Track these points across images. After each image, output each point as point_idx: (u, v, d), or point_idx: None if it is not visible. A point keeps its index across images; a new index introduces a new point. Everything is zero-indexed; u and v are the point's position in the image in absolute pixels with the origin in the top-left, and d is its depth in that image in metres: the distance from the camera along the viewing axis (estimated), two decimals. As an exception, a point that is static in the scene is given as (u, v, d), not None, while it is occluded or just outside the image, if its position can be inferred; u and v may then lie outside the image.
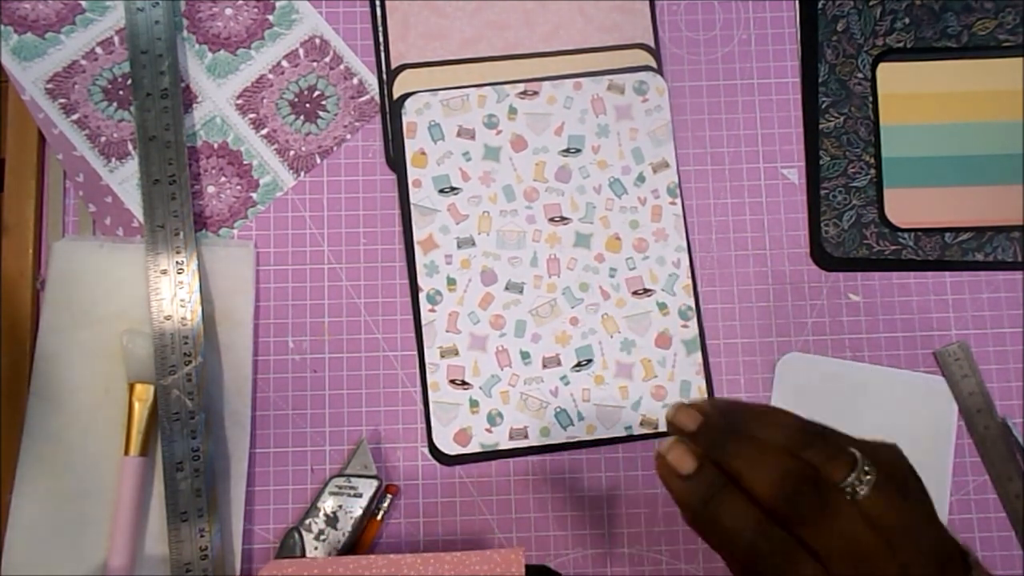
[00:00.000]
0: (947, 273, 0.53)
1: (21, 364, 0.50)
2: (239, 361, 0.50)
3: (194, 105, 0.53)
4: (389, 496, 0.49)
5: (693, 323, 0.52)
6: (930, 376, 0.51)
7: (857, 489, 0.33)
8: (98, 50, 0.52)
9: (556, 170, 0.53)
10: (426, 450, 0.50)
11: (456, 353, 0.51)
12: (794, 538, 0.32)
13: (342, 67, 0.54)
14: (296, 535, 0.47)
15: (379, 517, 0.49)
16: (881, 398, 0.51)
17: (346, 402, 0.51)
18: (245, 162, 0.52)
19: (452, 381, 0.51)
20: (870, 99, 0.54)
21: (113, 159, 0.52)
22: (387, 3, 0.54)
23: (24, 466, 0.48)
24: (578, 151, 0.53)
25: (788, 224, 0.53)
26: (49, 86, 0.52)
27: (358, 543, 0.48)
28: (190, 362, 0.48)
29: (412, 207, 0.52)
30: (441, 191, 0.52)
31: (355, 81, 0.54)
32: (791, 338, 0.52)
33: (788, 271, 0.53)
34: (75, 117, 0.52)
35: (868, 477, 0.33)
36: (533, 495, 0.50)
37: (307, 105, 0.53)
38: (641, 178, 0.53)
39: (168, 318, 0.48)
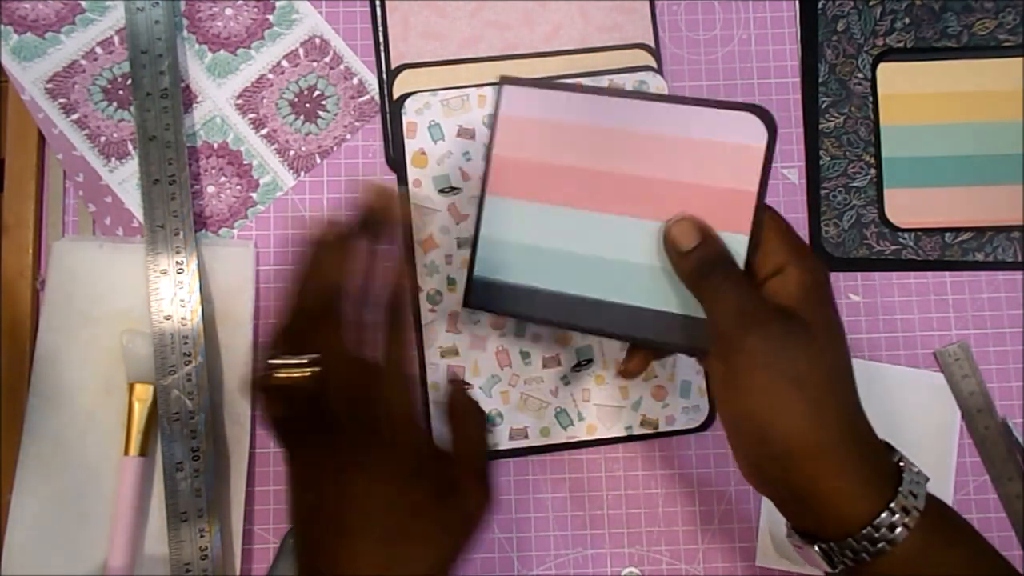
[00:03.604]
0: (947, 273, 0.53)
1: (21, 364, 0.49)
2: (239, 361, 0.50)
3: (194, 105, 0.53)
4: (389, 496, 0.49)
5: (693, 323, 0.52)
6: (934, 373, 0.51)
7: None
8: (98, 50, 0.52)
9: (556, 170, 0.53)
10: (426, 450, 0.50)
11: (456, 353, 0.51)
12: None
13: (342, 67, 0.54)
14: (296, 535, 0.47)
15: (379, 517, 0.49)
16: (885, 395, 0.51)
17: (346, 402, 0.51)
18: (245, 162, 0.52)
19: (452, 381, 0.51)
20: (870, 99, 0.54)
21: (113, 159, 0.52)
22: (387, 3, 0.54)
23: (24, 466, 0.48)
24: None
25: (788, 224, 0.53)
26: (49, 86, 0.52)
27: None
28: (190, 362, 0.48)
29: (412, 207, 0.52)
30: (441, 191, 0.52)
31: (355, 81, 0.53)
32: (791, 338, 0.52)
33: (788, 271, 0.53)
34: (75, 117, 0.52)
35: None
36: (533, 495, 0.50)
37: (307, 105, 0.53)
38: (641, 178, 0.53)
39: (168, 318, 0.48)
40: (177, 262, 0.49)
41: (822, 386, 0.35)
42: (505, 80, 0.41)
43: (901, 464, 0.35)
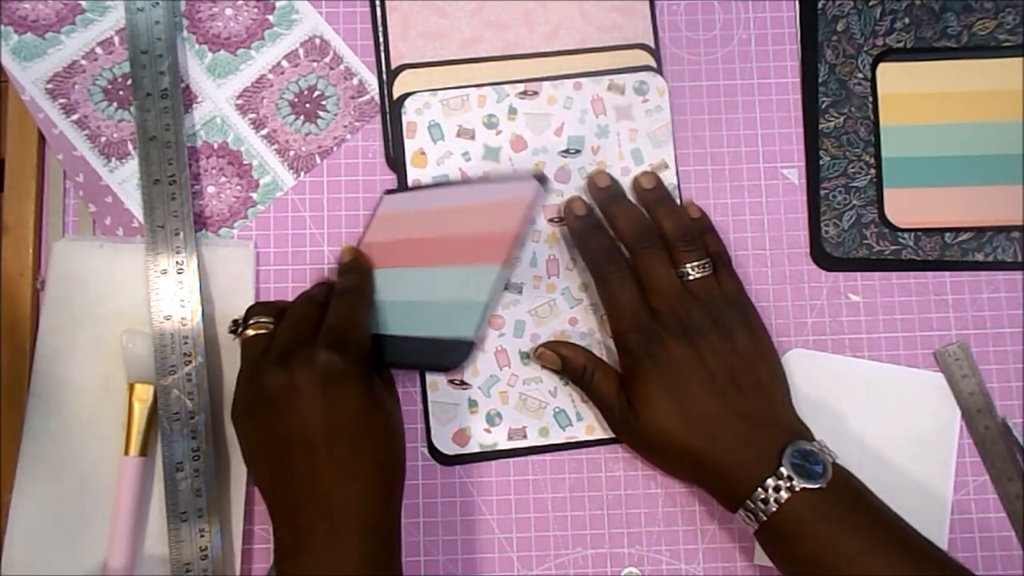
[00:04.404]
0: (947, 273, 0.53)
1: (21, 364, 0.50)
2: (239, 361, 0.50)
3: (194, 105, 0.53)
4: (389, 496, 0.49)
5: (693, 323, 0.52)
6: (933, 373, 0.51)
7: (687, 274, 0.48)
8: (98, 50, 0.53)
9: (556, 171, 0.53)
10: (425, 450, 0.50)
11: (456, 353, 0.51)
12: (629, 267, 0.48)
13: (342, 67, 0.54)
14: (296, 535, 0.47)
15: (379, 517, 0.49)
16: (885, 394, 0.51)
17: (346, 402, 0.50)
18: (245, 162, 0.52)
19: (451, 381, 0.51)
20: (870, 99, 0.54)
21: (113, 159, 0.52)
22: (387, 3, 0.54)
23: (24, 466, 0.48)
24: (578, 152, 0.53)
25: (788, 224, 0.53)
26: (49, 86, 0.52)
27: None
28: (190, 362, 0.48)
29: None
30: (441, 191, 0.52)
31: (355, 81, 0.54)
32: (791, 338, 0.52)
33: (788, 271, 0.53)
34: (75, 117, 0.52)
35: (702, 271, 0.48)
36: (533, 495, 0.50)
37: (307, 105, 0.53)
38: (641, 178, 0.52)
39: (168, 318, 0.48)
40: (177, 262, 0.49)
41: (689, 416, 0.45)
42: (387, 192, 0.52)
43: (790, 450, 0.43)
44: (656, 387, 0.45)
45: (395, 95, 0.53)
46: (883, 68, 0.54)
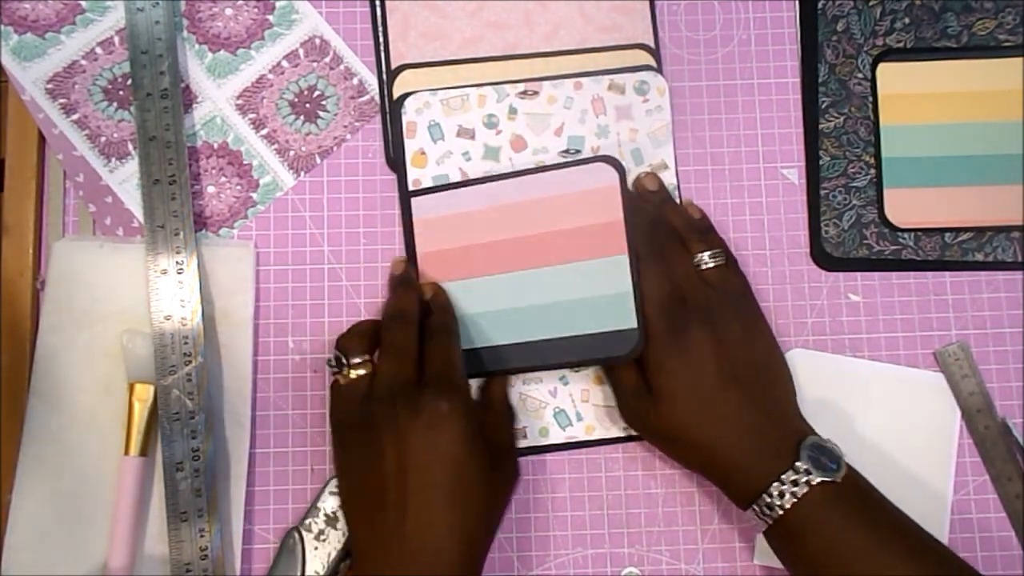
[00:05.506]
0: (947, 273, 0.53)
1: (21, 364, 0.50)
2: (239, 361, 0.50)
3: (194, 105, 0.53)
4: (389, 496, 0.49)
5: (693, 323, 0.52)
6: (934, 373, 0.51)
7: (703, 262, 0.48)
8: (98, 50, 0.53)
9: (556, 170, 0.53)
10: (426, 450, 0.50)
11: (456, 353, 0.51)
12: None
13: (342, 67, 0.54)
14: (296, 535, 0.47)
15: (379, 517, 0.49)
16: (885, 394, 0.51)
17: (346, 402, 0.50)
18: (245, 162, 0.52)
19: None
20: (870, 99, 0.54)
21: (113, 159, 0.52)
22: (387, 3, 0.54)
23: (24, 466, 0.48)
24: (578, 152, 0.53)
25: (788, 224, 0.53)
26: (49, 86, 0.52)
27: (358, 543, 0.48)
28: (190, 362, 0.48)
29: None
30: (441, 191, 0.52)
31: (355, 81, 0.54)
32: (791, 338, 0.52)
33: (788, 271, 0.53)
34: (75, 117, 0.52)
35: (716, 260, 0.48)
36: (533, 495, 0.50)
37: (307, 105, 0.53)
38: (641, 178, 0.53)
39: (168, 318, 0.48)
40: (177, 262, 0.49)
41: (705, 406, 0.45)
42: (411, 193, 0.51)
43: (806, 444, 0.43)
44: (676, 378, 0.45)
45: (395, 95, 0.53)
46: (883, 68, 0.54)
